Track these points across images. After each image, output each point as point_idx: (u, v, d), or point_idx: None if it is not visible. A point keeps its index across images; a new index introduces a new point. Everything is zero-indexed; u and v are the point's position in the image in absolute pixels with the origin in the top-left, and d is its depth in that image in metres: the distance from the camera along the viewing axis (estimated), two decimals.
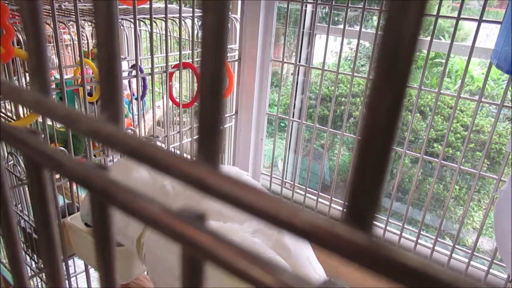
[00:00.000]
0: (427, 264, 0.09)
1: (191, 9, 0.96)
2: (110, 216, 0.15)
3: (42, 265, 0.92)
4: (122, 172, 0.65)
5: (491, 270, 0.84)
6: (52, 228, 0.20)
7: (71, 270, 0.99)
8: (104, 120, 0.14)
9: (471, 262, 0.87)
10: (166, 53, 0.91)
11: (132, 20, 0.85)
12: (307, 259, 0.57)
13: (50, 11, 0.71)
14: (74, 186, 0.92)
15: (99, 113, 0.14)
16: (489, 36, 1.41)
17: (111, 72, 0.14)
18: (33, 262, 1.00)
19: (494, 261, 0.83)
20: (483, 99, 0.77)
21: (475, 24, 0.72)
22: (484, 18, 0.71)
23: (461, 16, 0.74)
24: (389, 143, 0.10)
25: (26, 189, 0.99)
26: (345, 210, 0.10)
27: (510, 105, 0.77)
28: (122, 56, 1.04)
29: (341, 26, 0.90)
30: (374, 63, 0.10)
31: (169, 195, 0.62)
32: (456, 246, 0.87)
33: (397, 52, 0.10)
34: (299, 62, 1.09)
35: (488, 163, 1.59)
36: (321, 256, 0.61)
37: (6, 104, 0.97)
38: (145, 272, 0.88)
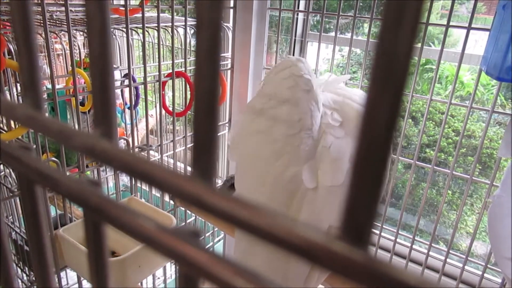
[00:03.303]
0: (425, 280, 0.09)
1: (183, 18, 0.96)
2: (104, 233, 0.15)
3: (34, 278, 0.90)
4: None
5: (485, 275, 0.85)
6: (45, 242, 0.20)
7: (64, 282, 0.98)
8: (98, 136, 0.14)
9: (465, 267, 0.87)
10: (159, 62, 0.91)
11: (124, 29, 0.85)
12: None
13: (42, 21, 0.71)
14: None
15: (93, 129, 0.14)
16: (478, 41, 1.43)
17: (104, 88, 0.14)
18: (24, 275, 0.98)
19: (488, 265, 0.83)
20: (473, 105, 0.78)
21: (464, 30, 0.73)
22: (472, 25, 0.72)
23: (450, 23, 0.75)
24: (384, 158, 0.10)
25: (18, 200, 0.98)
26: (341, 226, 0.10)
27: (500, 111, 0.78)
28: (114, 66, 1.04)
29: (333, 34, 0.91)
30: (369, 77, 0.10)
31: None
32: (450, 251, 0.87)
33: (392, 64, 0.10)
34: None
35: (480, 167, 1.61)
36: None
37: None
38: (139, 283, 0.87)
